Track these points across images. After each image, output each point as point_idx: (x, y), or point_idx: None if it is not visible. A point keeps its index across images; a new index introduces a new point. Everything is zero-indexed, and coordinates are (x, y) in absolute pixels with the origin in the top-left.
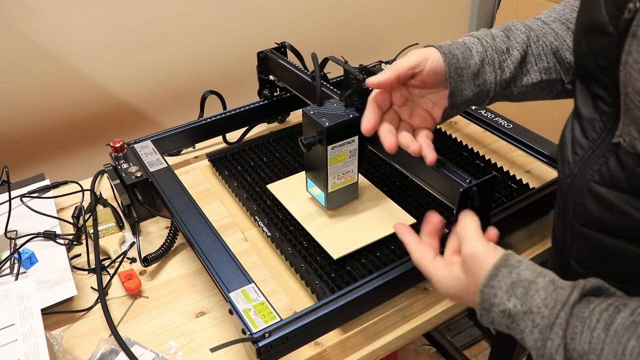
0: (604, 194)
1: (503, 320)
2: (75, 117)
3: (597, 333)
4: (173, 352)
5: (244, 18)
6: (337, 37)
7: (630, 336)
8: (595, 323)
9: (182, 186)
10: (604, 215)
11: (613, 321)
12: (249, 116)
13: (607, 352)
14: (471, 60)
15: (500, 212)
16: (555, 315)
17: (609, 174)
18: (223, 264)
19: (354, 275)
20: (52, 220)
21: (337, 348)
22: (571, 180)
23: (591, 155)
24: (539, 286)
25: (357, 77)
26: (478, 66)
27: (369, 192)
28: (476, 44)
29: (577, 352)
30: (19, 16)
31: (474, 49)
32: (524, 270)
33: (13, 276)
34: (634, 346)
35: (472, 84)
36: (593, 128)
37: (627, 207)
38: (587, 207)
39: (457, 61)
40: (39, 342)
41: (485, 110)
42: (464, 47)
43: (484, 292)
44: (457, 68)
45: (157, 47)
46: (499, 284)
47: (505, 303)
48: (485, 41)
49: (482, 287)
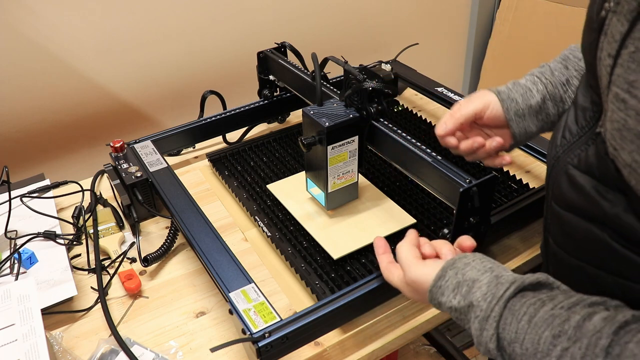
0: (577, 177)
1: (453, 314)
2: (75, 117)
3: (522, 324)
4: (173, 352)
5: (244, 18)
6: (337, 37)
7: (546, 328)
8: (522, 315)
9: (182, 186)
10: (574, 196)
11: (536, 314)
12: (249, 116)
13: (527, 341)
14: (532, 100)
15: (500, 212)
16: (490, 309)
17: (586, 160)
18: (223, 264)
19: (354, 275)
20: (52, 220)
21: (337, 348)
22: (554, 161)
23: (576, 142)
24: (482, 283)
25: (357, 77)
26: (540, 104)
27: (369, 192)
28: (536, 82)
29: (506, 340)
30: (19, 16)
31: (534, 89)
32: (469, 271)
33: (13, 276)
34: (547, 336)
35: (535, 120)
36: (584, 116)
37: (593, 191)
38: (562, 188)
39: (516, 104)
40: (39, 342)
41: None
42: (524, 89)
43: (432, 292)
44: (517, 110)
45: (157, 47)
46: (445, 284)
47: (451, 301)
48: (544, 78)
49: (430, 288)
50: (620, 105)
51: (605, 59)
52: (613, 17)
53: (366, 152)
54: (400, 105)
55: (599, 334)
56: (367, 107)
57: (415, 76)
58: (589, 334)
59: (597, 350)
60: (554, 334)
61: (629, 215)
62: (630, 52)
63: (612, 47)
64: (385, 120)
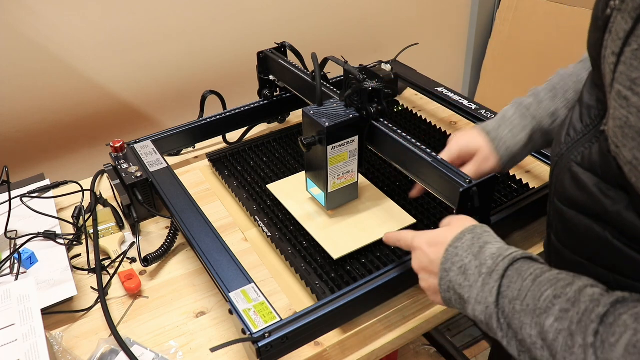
0: (580, 174)
1: (458, 278)
2: (75, 117)
3: (526, 283)
4: (173, 352)
5: (244, 18)
6: (337, 37)
7: (549, 287)
8: (527, 275)
9: (182, 186)
10: (577, 194)
11: (542, 275)
12: (249, 116)
13: (529, 297)
14: (520, 136)
15: (500, 212)
16: (496, 264)
17: (589, 158)
18: (223, 264)
19: (354, 275)
20: (52, 220)
21: (337, 348)
22: (558, 159)
23: (581, 139)
24: (493, 246)
25: (357, 77)
26: (528, 136)
27: (369, 192)
28: (525, 116)
29: (508, 298)
30: (19, 16)
31: (522, 124)
32: (486, 236)
33: (13, 276)
34: (548, 295)
35: (523, 152)
36: (589, 114)
37: (595, 189)
38: (565, 185)
39: (505, 143)
40: (39, 342)
41: (486, 110)
42: (513, 125)
43: (448, 252)
44: (507, 148)
45: (157, 47)
46: (461, 245)
47: (463, 259)
48: (532, 110)
49: (447, 247)
50: (622, 103)
51: (610, 57)
52: (618, 15)
53: (366, 152)
54: (400, 105)
55: (596, 302)
56: (367, 107)
57: (415, 76)
58: (588, 300)
59: (592, 316)
60: (555, 294)
61: (630, 213)
62: (633, 49)
63: (616, 45)
64: (385, 120)
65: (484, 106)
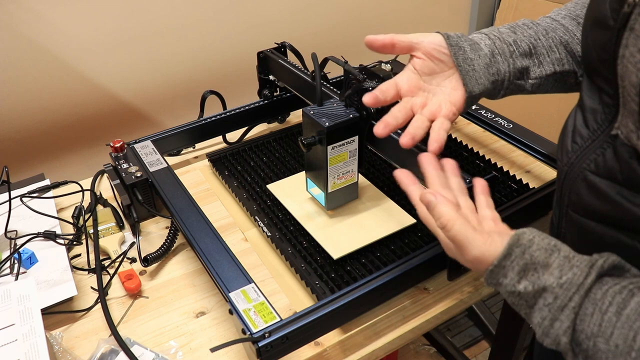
0: (598, 183)
1: (510, 297)
2: (75, 117)
3: (608, 316)
4: (173, 352)
5: (244, 18)
6: (337, 37)
7: None
8: (607, 306)
9: (182, 186)
10: (597, 203)
11: (626, 305)
12: (249, 116)
13: (617, 336)
14: (480, 52)
15: (500, 212)
16: (569, 298)
17: (604, 164)
18: (223, 264)
19: (354, 275)
20: (52, 220)
21: (337, 348)
22: (568, 168)
23: (590, 145)
24: (552, 267)
25: (357, 77)
26: (489, 56)
27: (369, 192)
28: (483, 38)
29: (585, 333)
30: (19, 16)
31: (482, 43)
32: (536, 251)
33: (13, 276)
34: None
35: (487, 73)
36: (595, 119)
37: (618, 197)
38: (581, 195)
39: (464, 52)
40: (39, 342)
41: (486, 110)
42: (471, 42)
43: (493, 272)
44: (465, 59)
45: (157, 47)
46: (511, 265)
47: (515, 285)
48: (492, 35)
49: (492, 267)
50: None
51: (635, 55)
52: None
53: (366, 152)
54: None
55: None
56: (367, 107)
57: None
58: None
59: None
60: None
61: None
62: None
63: None
64: None
65: (484, 106)
